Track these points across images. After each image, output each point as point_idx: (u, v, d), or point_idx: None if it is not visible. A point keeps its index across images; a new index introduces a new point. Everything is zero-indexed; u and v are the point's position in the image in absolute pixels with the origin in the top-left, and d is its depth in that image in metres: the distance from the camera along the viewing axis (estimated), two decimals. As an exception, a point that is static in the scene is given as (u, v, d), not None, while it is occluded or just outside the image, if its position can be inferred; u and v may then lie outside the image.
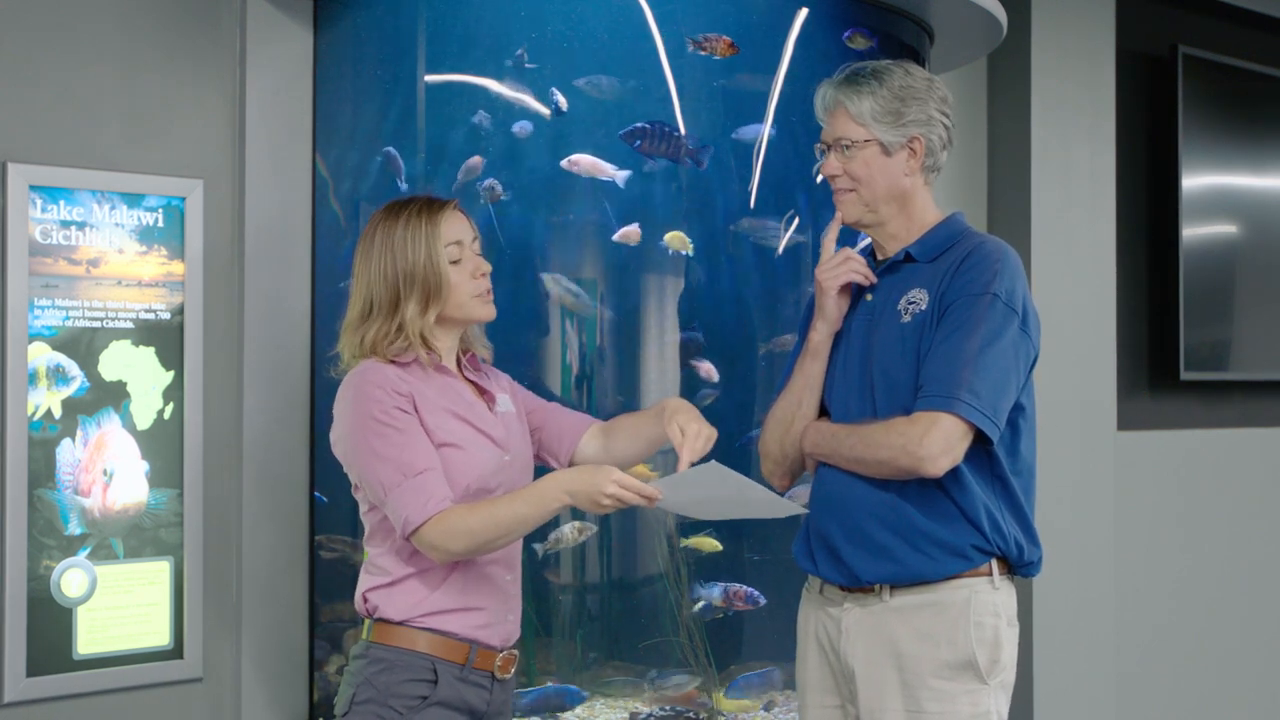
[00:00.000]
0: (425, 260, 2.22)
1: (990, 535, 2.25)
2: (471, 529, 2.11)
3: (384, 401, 2.15)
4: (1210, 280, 4.85)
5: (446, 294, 2.24)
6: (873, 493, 2.29)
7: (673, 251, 2.97)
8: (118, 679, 2.85)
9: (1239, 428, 5.04)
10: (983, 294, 2.21)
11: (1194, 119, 4.76)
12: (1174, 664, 4.76)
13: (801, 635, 2.44)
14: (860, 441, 2.25)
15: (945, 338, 2.21)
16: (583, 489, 2.09)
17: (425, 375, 2.23)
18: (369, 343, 2.23)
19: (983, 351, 2.18)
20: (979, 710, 2.24)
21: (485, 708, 2.24)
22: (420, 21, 3.03)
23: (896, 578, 2.27)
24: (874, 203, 2.34)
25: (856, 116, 2.32)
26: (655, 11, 2.96)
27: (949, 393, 2.16)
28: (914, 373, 2.25)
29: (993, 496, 2.27)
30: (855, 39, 3.19)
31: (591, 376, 3.02)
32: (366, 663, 2.20)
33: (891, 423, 2.21)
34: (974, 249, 2.28)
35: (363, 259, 2.26)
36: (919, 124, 2.31)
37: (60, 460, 2.78)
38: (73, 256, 2.81)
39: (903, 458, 2.18)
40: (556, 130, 2.93)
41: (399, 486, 2.12)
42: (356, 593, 2.26)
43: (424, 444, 2.16)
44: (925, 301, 2.27)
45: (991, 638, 2.25)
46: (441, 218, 2.26)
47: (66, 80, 2.83)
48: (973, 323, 2.20)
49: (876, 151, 2.32)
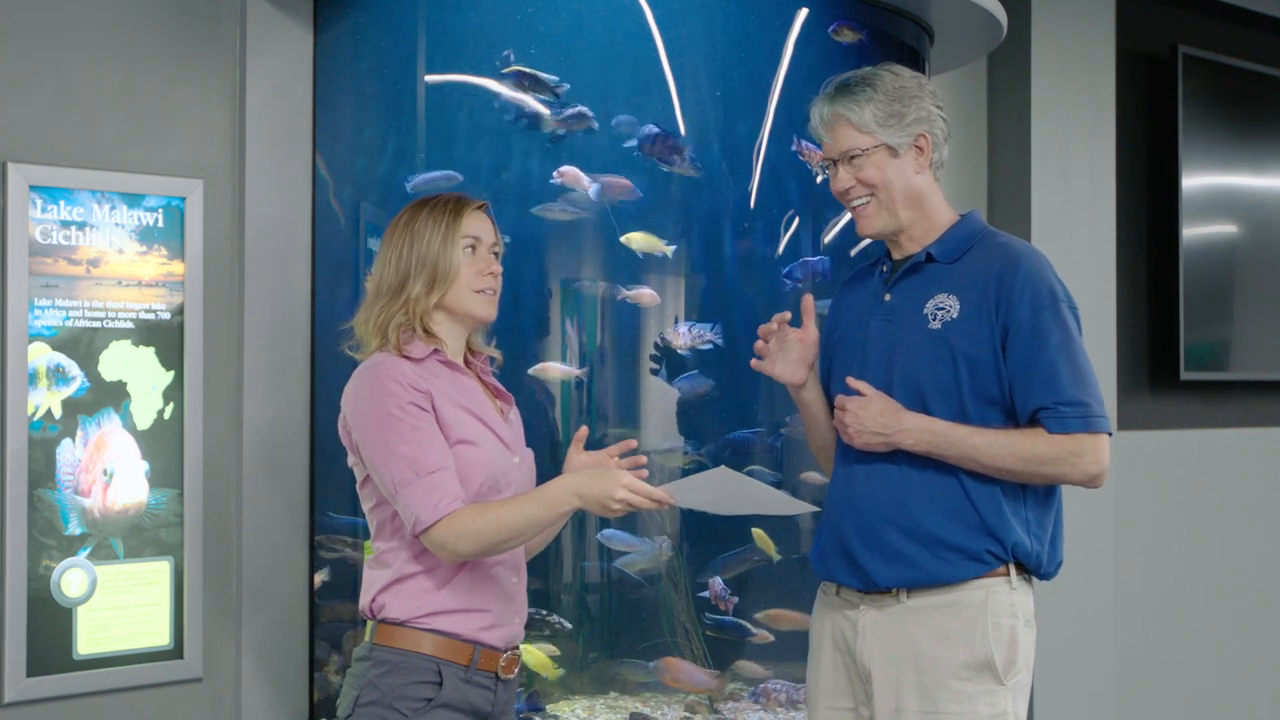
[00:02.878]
0: (440, 246, 2.25)
1: (1007, 541, 2.25)
2: (481, 531, 2.12)
3: (401, 396, 2.16)
4: (1210, 280, 4.85)
5: (451, 280, 2.25)
6: (887, 497, 2.29)
7: (643, 255, 2.96)
8: (118, 679, 2.85)
9: (1239, 428, 5.04)
10: (1053, 303, 2.25)
11: (1194, 119, 4.76)
12: (1174, 663, 4.76)
13: (815, 638, 2.44)
14: (1009, 453, 2.24)
15: (1045, 352, 2.24)
16: (593, 492, 2.10)
17: (439, 371, 2.24)
18: (374, 321, 2.25)
19: (1079, 360, 2.25)
20: (996, 711, 2.24)
21: (490, 709, 2.23)
22: (420, 21, 3.03)
23: (913, 582, 2.27)
24: (893, 207, 2.34)
25: (860, 125, 2.32)
26: (655, 11, 2.96)
27: (1095, 412, 2.24)
28: (946, 378, 2.26)
29: (1020, 500, 2.28)
30: (842, 32, 3.16)
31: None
32: (370, 664, 2.19)
33: (1055, 439, 2.22)
34: (1008, 256, 2.29)
35: (385, 245, 2.30)
36: (922, 121, 2.33)
37: (60, 460, 2.78)
38: (73, 256, 2.81)
39: (1073, 474, 2.24)
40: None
41: (411, 485, 2.13)
42: (363, 593, 2.25)
43: (438, 442, 2.16)
44: (956, 309, 2.27)
45: (1008, 638, 2.25)
46: (465, 213, 2.29)
47: (66, 80, 2.83)
48: (1063, 333, 2.25)
49: (885, 155, 2.32)
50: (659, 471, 2.97)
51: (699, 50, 3.04)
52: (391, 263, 2.27)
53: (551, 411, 2.98)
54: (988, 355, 2.24)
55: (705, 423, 3.06)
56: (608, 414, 3.02)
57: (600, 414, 3.02)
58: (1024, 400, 2.24)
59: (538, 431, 2.84)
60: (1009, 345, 2.24)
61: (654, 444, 3.04)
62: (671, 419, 3.03)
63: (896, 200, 2.33)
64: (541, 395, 2.96)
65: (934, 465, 2.27)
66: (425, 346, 2.24)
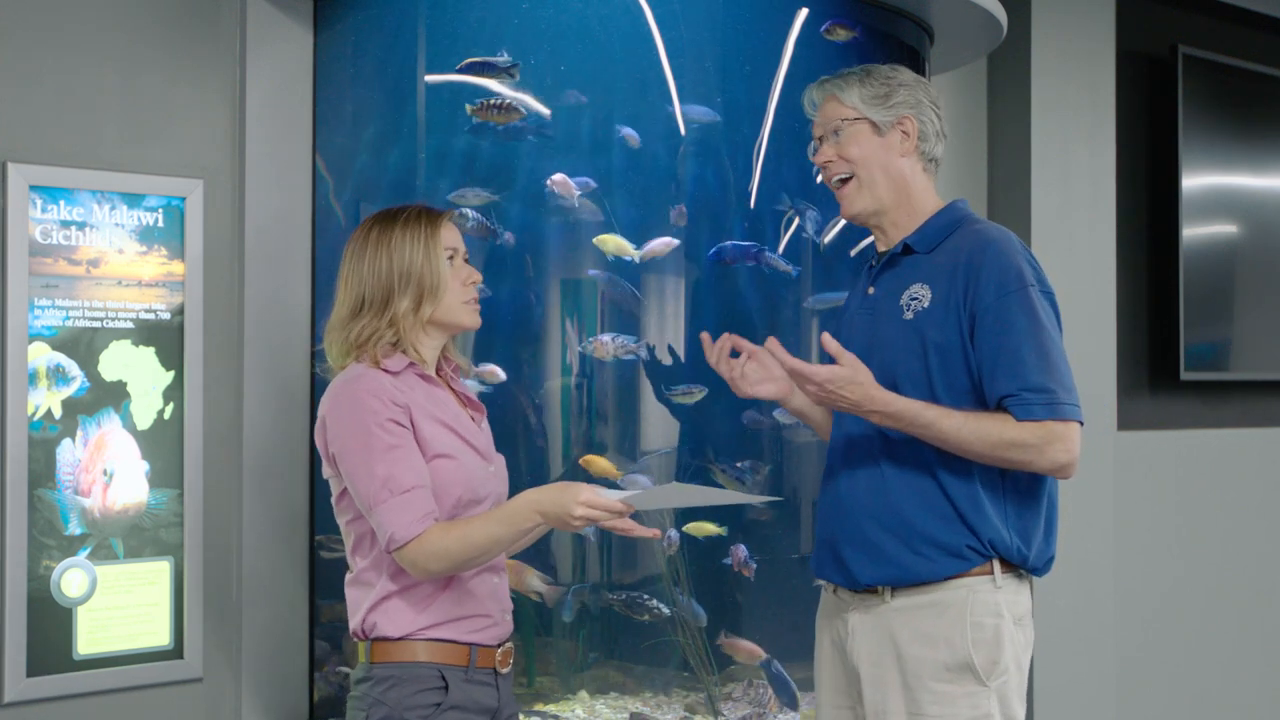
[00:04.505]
0: (423, 259, 2.24)
1: (984, 536, 2.24)
2: (449, 549, 2.12)
3: (380, 413, 2.15)
4: (1210, 280, 4.85)
5: (442, 294, 2.25)
6: (871, 495, 2.29)
7: (613, 259, 2.96)
8: (118, 679, 2.84)
9: (1239, 428, 5.04)
10: (1020, 288, 2.21)
11: (1194, 119, 4.76)
12: (1174, 663, 4.76)
13: (818, 636, 2.46)
14: (978, 438, 2.19)
15: (1009, 337, 2.19)
16: (553, 509, 2.09)
17: (415, 385, 2.24)
18: (355, 338, 2.23)
19: (1047, 346, 2.19)
20: (979, 713, 2.23)
21: (496, 704, 2.25)
22: (420, 21, 3.03)
23: (894, 579, 2.27)
24: (874, 187, 2.34)
25: (845, 100, 2.35)
26: (655, 11, 2.96)
27: (1061, 399, 2.18)
28: (917, 369, 2.25)
29: (1000, 496, 2.26)
30: (834, 30, 3.14)
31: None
32: (372, 684, 2.19)
33: (1026, 425, 2.18)
34: (976, 242, 2.26)
35: (354, 259, 2.28)
36: (908, 105, 2.34)
37: (60, 460, 2.78)
38: (73, 256, 2.81)
39: (1041, 461, 2.19)
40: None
41: (386, 503, 2.13)
42: (351, 615, 2.25)
43: (415, 460, 2.16)
44: (928, 298, 2.26)
45: (991, 638, 2.24)
46: (441, 224, 2.29)
47: (66, 80, 2.83)
48: (1029, 318, 2.20)
49: (868, 129, 2.34)
50: (658, 472, 2.98)
51: (699, 50, 3.04)
52: (369, 279, 2.24)
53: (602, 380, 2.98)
54: (956, 343, 2.23)
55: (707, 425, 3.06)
56: (607, 415, 3.02)
57: (600, 414, 3.02)
58: (990, 388, 2.21)
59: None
60: (976, 331, 2.22)
61: (655, 445, 3.04)
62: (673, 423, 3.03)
63: (877, 179, 2.34)
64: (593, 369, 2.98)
65: (914, 461, 2.26)
66: (402, 360, 2.23)
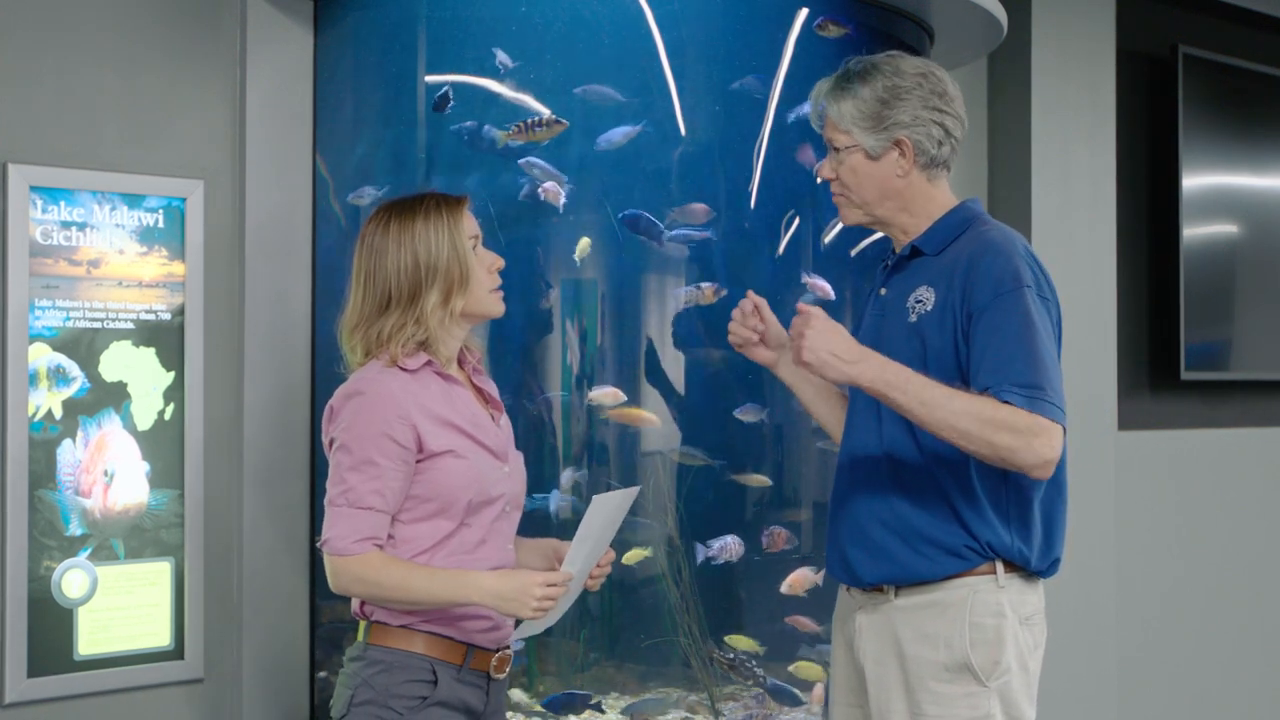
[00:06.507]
0: (450, 251, 2.20)
1: (982, 538, 2.22)
2: (381, 584, 2.13)
3: (378, 427, 2.14)
4: (1210, 280, 4.85)
5: (472, 285, 2.22)
6: (875, 494, 2.29)
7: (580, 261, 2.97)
8: (118, 680, 2.84)
9: (1239, 428, 5.04)
10: (1016, 289, 2.16)
11: (1194, 119, 4.76)
12: (1174, 663, 4.76)
13: (833, 636, 2.47)
14: (966, 411, 2.10)
15: (997, 337, 2.15)
16: (510, 607, 2.13)
17: (431, 382, 2.22)
18: (386, 335, 2.20)
19: (1038, 348, 2.13)
20: (979, 714, 2.23)
21: (483, 707, 2.24)
22: (420, 22, 3.03)
23: (896, 578, 2.27)
24: (867, 206, 2.33)
25: (838, 121, 2.31)
26: (655, 12, 2.96)
27: (1047, 398, 2.11)
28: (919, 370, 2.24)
29: (1001, 497, 2.24)
30: (826, 26, 3.12)
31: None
32: (364, 664, 2.19)
33: (1018, 410, 2.09)
34: (978, 245, 2.24)
35: (374, 254, 2.22)
36: (902, 126, 2.26)
37: (61, 461, 2.78)
38: (73, 257, 2.81)
39: (1025, 451, 2.10)
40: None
41: (339, 508, 2.15)
42: (353, 598, 2.26)
43: (391, 483, 2.15)
44: (932, 301, 2.25)
45: (992, 638, 2.23)
46: (461, 211, 2.25)
47: (66, 80, 2.83)
48: (1022, 320, 2.14)
49: (861, 157, 2.30)
50: (658, 472, 2.99)
51: (699, 50, 3.04)
52: (394, 275, 2.19)
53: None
54: (949, 348, 2.21)
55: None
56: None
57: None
58: (976, 383, 2.15)
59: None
60: (971, 333, 2.18)
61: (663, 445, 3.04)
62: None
63: (870, 202, 2.32)
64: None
65: (916, 462, 2.25)
66: (421, 358, 2.21)
